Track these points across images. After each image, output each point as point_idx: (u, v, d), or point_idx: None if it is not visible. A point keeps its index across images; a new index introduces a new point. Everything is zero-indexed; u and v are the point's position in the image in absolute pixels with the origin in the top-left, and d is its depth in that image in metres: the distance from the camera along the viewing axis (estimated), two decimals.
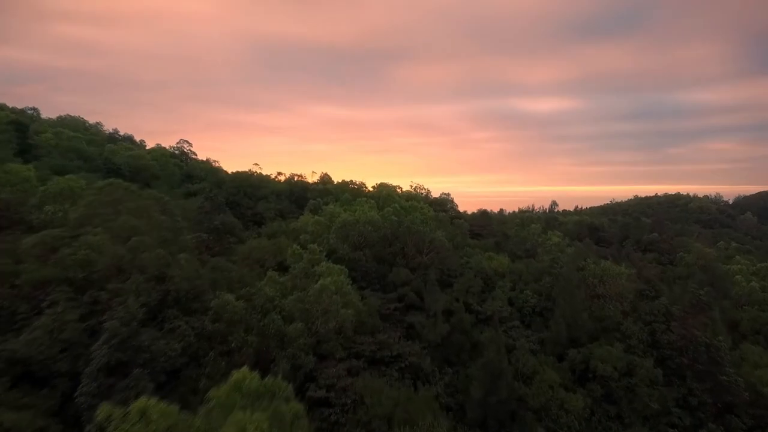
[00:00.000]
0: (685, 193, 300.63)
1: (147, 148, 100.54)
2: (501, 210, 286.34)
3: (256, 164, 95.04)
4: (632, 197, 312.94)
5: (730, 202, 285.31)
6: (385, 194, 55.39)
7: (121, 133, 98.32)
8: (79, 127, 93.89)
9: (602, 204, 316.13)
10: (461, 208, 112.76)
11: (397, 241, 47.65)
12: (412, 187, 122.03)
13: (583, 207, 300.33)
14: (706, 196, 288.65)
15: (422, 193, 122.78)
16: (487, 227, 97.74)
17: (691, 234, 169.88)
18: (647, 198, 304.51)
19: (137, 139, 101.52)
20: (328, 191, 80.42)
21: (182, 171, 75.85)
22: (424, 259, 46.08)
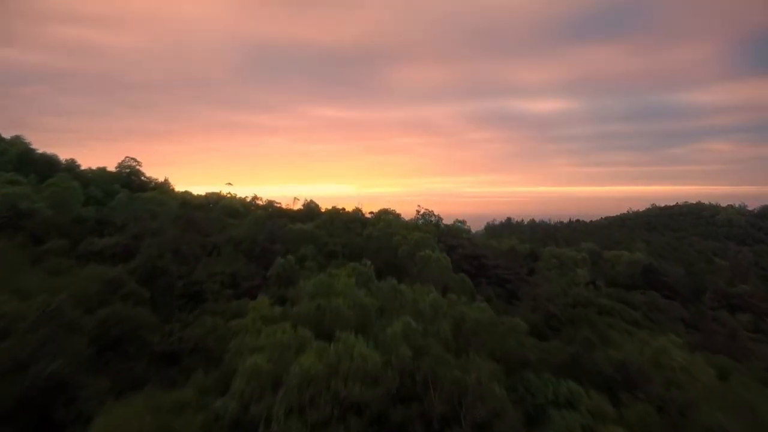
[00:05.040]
0: (707, 203, 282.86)
1: (82, 170, 78.65)
2: (509, 219, 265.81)
3: (230, 183, 74.22)
4: (650, 206, 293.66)
5: (755, 210, 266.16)
6: (388, 289, 32.53)
7: (43, 151, 75.48)
8: None
9: (620, 213, 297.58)
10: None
11: (412, 386, 25.29)
12: (419, 213, 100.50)
13: (601, 217, 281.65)
14: (730, 206, 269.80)
15: (432, 220, 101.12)
16: (517, 275, 75.56)
17: (732, 255, 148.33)
18: (668, 207, 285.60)
19: (67, 158, 78.91)
20: (306, 236, 58.11)
21: (97, 215, 53.16)
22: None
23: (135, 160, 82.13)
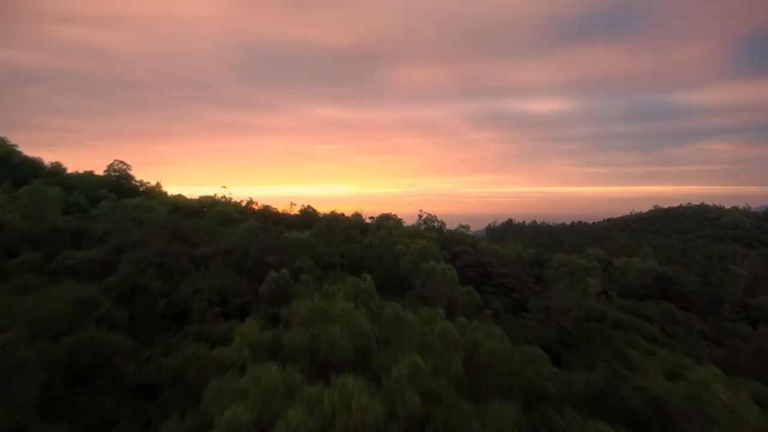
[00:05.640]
0: (710, 203, 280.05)
1: (67, 174, 74.93)
2: (510, 220, 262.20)
3: (224, 186, 70.82)
4: (654, 207, 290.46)
5: (760, 211, 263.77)
6: (391, 315, 28.84)
7: (26, 154, 71.55)
8: None
9: (623, 215, 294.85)
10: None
11: None
12: (421, 218, 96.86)
13: (603, 218, 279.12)
14: (734, 207, 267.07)
15: (434, 225, 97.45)
16: (524, 284, 71.93)
17: (739, 259, 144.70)
18: (672, 209, 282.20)
19: (54, 161, 75.02)
20: (302, 246, 54.48)
21: (77, 224, 49.52)
22: None
23: (124, 162, 78.37)
